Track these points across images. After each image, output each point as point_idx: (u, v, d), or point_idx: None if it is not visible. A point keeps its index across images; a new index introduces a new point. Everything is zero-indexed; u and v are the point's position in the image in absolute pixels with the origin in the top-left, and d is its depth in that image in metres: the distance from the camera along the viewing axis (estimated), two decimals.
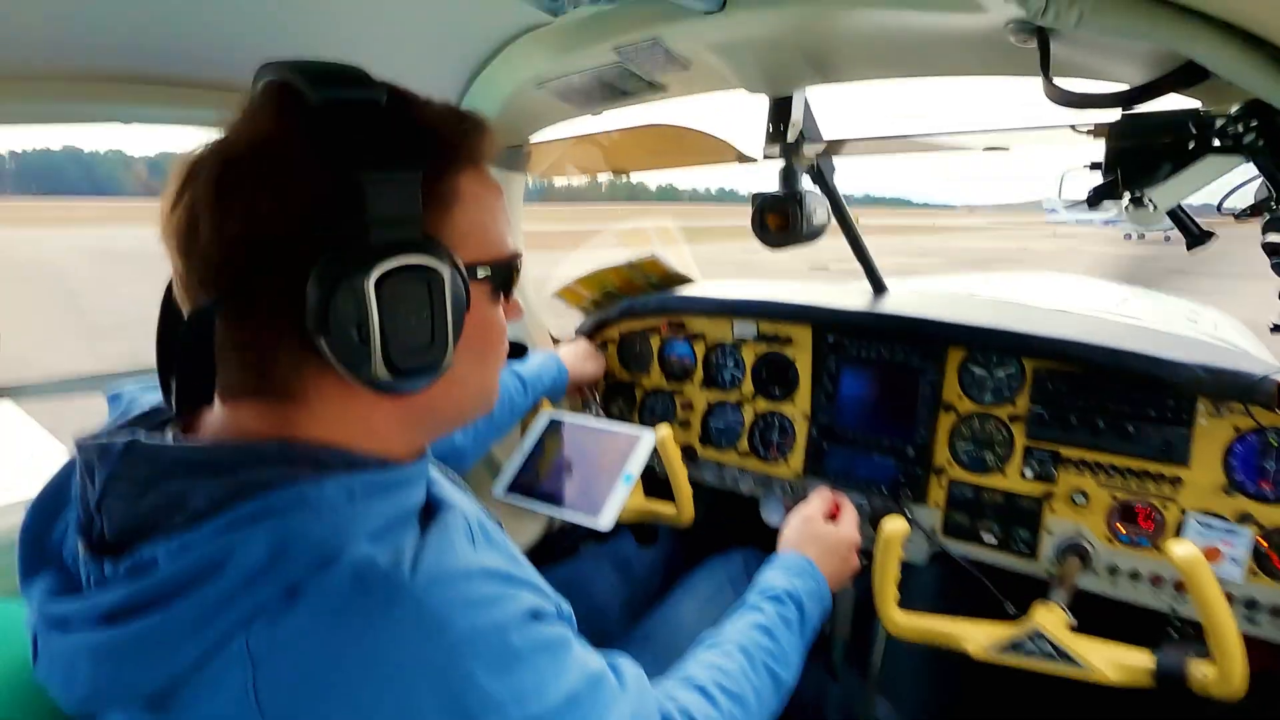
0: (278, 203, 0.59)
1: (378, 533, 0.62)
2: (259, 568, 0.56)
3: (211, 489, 0.59)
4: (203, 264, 0.60)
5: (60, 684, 0.61)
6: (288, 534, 0.58)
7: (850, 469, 1.68)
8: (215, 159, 0.61)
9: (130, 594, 0.58)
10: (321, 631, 0.56)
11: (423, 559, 0.61)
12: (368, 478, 0.64)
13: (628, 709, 0.73)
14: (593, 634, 0.79)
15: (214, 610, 0.56)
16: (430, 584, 0.59)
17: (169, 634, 0.56)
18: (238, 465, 0.61)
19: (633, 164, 1.66)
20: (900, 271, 2.97)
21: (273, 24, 1.09)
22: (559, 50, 1.28)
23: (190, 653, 0.56)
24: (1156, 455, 1.36)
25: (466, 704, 0.58)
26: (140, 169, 67.92)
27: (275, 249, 0.59)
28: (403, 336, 0.61)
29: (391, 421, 0.69)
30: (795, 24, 1.09)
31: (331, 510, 0.60)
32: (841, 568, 1.26)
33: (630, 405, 2.04)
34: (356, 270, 0.58)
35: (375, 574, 0.58)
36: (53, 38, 0.96)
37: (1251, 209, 1.05)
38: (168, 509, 0.60)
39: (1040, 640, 1.14)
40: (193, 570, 0.57)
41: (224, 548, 0.57)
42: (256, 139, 0.61)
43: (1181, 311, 2.43)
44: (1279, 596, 1.27)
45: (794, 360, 1.78)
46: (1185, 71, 0.90)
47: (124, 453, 0.61)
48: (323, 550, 0.58)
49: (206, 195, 0.59)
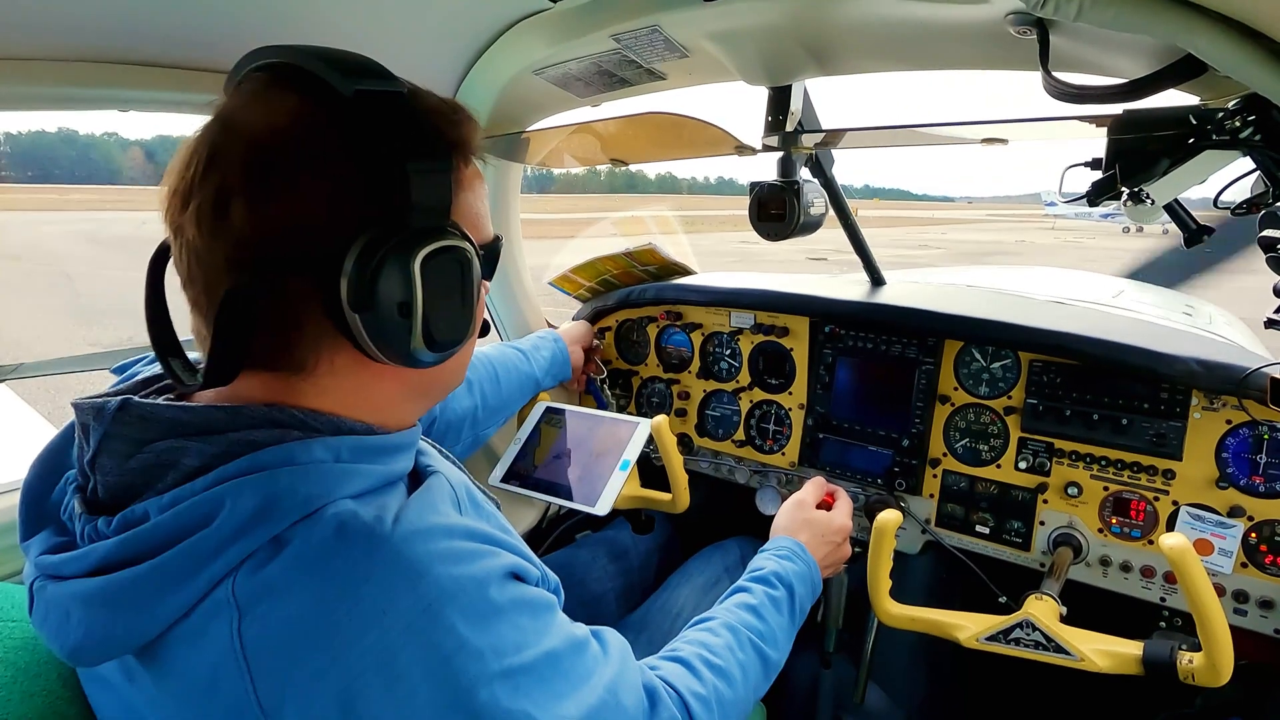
0: (318, 187, 0.62)
1: (363, 492, 0.64)
2: (247, 520, 0.58)
3: (203, 449, 0.62)
4: (234, 245, 0.61)
5: (54, 632, 0.62)
6: (276, 489, 0.59)
7: (845, 459, 1.68)
8: (240, 143, 0.62)
9: (121, 545, 0.59)
10: (304, 579, 0.58)
11: (405, 515, 0.63)
12: (355, 441, 0.67)
13: (609, 674, 0.74)
14: (589, 621, 0.80)
15: (202, 560, 0.57)
16: (411, 535, 0.61)
17: (157, 582, 0.58)
18: (229, 427, 0.63)
19: (631, 153, 1.65)
20: (898, 263, 2.97)
21: (269, 8, 1.08)
22: (557, 37, 1.27)
23: (178, 601, 0.58)
24: (1150, 448, 1.37)
25: (445, 651, 0.59)
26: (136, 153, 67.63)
27: (315, 231, 0.62)
28: (440, 313, 0.65)
29: (392, 394, 0.73)
30: (794, 13, 1.08)
31: (318, 469, 0.62)
32: (833, 553, 1.28)
33: (627, 394, 2.05)
34: (404, 251, 0.62)
35: (357, 525, 0.60)
36: (47, 21, 0.96)
37: (1248, 203, 1.05)
38: (159, 468, 0.62)
39: (1031, 630, 1.15)
40: (182, 522, 0.59)
41: (213, 501, 0.59)
42: (287, 125, 0.62)
43: (1177, 304, 2.43)
44: (1268, 589, 1.28)
45: (791, 351, 1.78)
46: (1183, 65, 0.90)
47: (118, 411, 0.63)
48: (308, 505, 0.60)
49: (240, 178, 0.61)
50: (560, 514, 1.96)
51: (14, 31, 0.95)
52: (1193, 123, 0.94)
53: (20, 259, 18.12)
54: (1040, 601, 1.19)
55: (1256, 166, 0.98)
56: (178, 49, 1.12)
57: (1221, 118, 0.92)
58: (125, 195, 58.81)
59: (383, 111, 0.63)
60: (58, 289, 12.87)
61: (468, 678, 0.60)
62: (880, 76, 1.34)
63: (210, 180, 0.61)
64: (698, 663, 0.91)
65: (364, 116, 0.63)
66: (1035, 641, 1.15)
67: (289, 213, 0.61)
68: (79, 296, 12.06)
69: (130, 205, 40.89)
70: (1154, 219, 1.23)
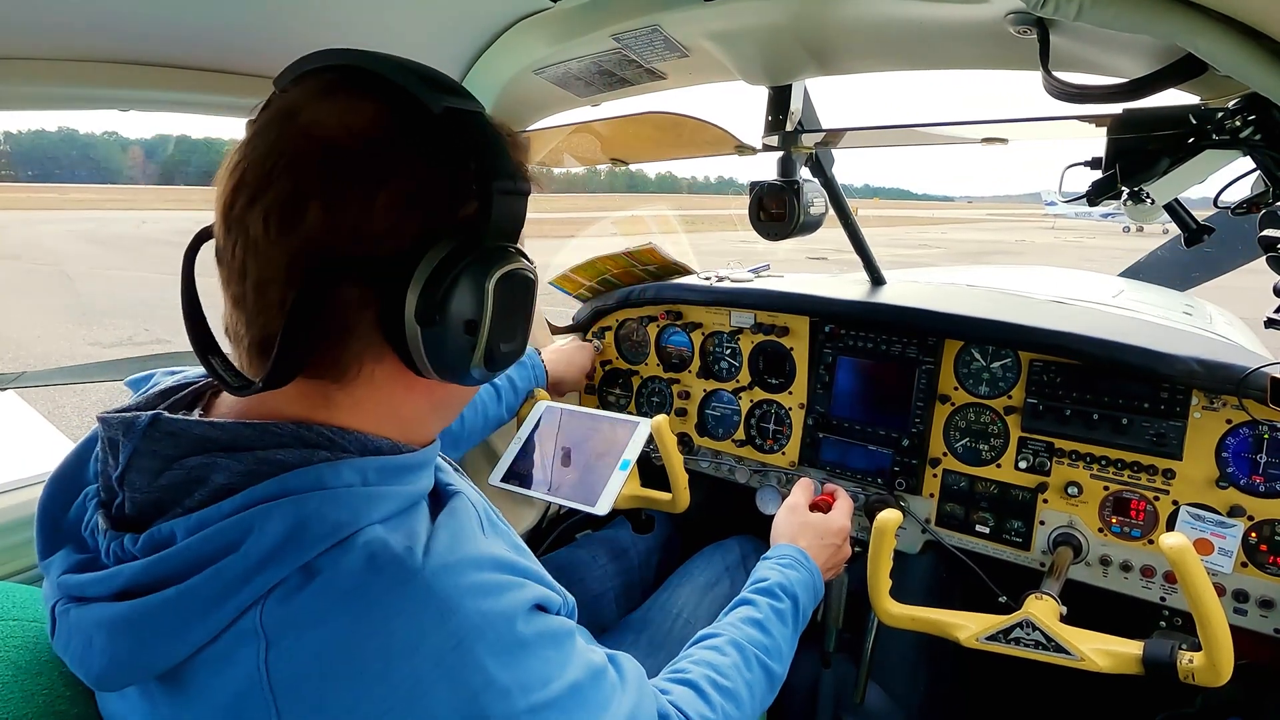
0: (396, 197, 0.61)
1: (391, 516, 0.64)
2: (275, 547, 0.57)
3: (231, 465, 0.61)
4: (302, 245, 0.60)
5: (78, 657, 0.62)
6: (305, 515, 0.59)
7: (845, 459, 1.68)
8: (315, 146, 0.61)
9: (147, 568, 0.59)
10: (334, 610, 0.58)
11: (435, 544, 0.63)
12: (381, 462, 0.66)
13: (628, 705, 0.74)
14: (589, 621, 0.80)
15: (230, 588, 0.57)
16: (441, 569, 0.61)
17: (184, 609, 0.57)
18: (256, 445, 0.62)
19: (631, 153, 1.65)
20: (898, 263, 2.97)
21: (270, 7, 1.08)
22: (558, 36, 1.27)
23: (205, 629, 0.57)
24: (1150, 448, 1.37)
25: (473, 688, 0.59)
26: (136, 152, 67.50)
27: (387, 240, 0.61)
28: (503, 333, 0.66)
29: (420, 410, 0.72)
30: (794, 13, 1.08)
31: (348, 493, 0.62)
32: (834, 555, 1.28)
33: (627, 394, 2.05)
34: (480, 270, 0.63)
35: (388, 556, 0.59)
36: (53, 21, 0.96)
37: (1248, 203, 1.05)
38: (187, 485, 0.61)
39: (1031, 629, 1.15)
40: (210, 547, 0.58)
41: (242, 526, 0.58)
42: (368, 131, 0.62)
43: (1177, 304, 2.43)
44: (1268, 589, 1.28)
45: (791, 350, 1.78)
46: (1184, 65, 0.90)
47: (148, 427, 0.62)
48: (338, 532, 0.59)
49: (316, 181, 0.60)
50: (560, 514, 1.96)
51: (20, 32, 0.95)
52: (1193, 122, 0.94)
53: (20, 258, 18.12)
54: (1040, 601, 1.18)
55: (1256, 166, 0.98)
56: (178, 48, 1.12)
57: (1221, 117, 0.92)
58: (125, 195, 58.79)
59: (468, 130, 0.63)
60: (57, 288, 12.88)
61: (494, 716, 0.60)
62: (880, 76, 1.33)
63: (285, 179, 0.60)
64: (706, 685, 0.92)
65: (450, 133, 0.63)
66: (1035, 641, 1.15)
67: (364, 220, 0.61)
68: (79, 296, 12.06)
69: (130, 205, 40.88)
70: (1154, 219, 1.23)
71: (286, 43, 1.14)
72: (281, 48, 1.13)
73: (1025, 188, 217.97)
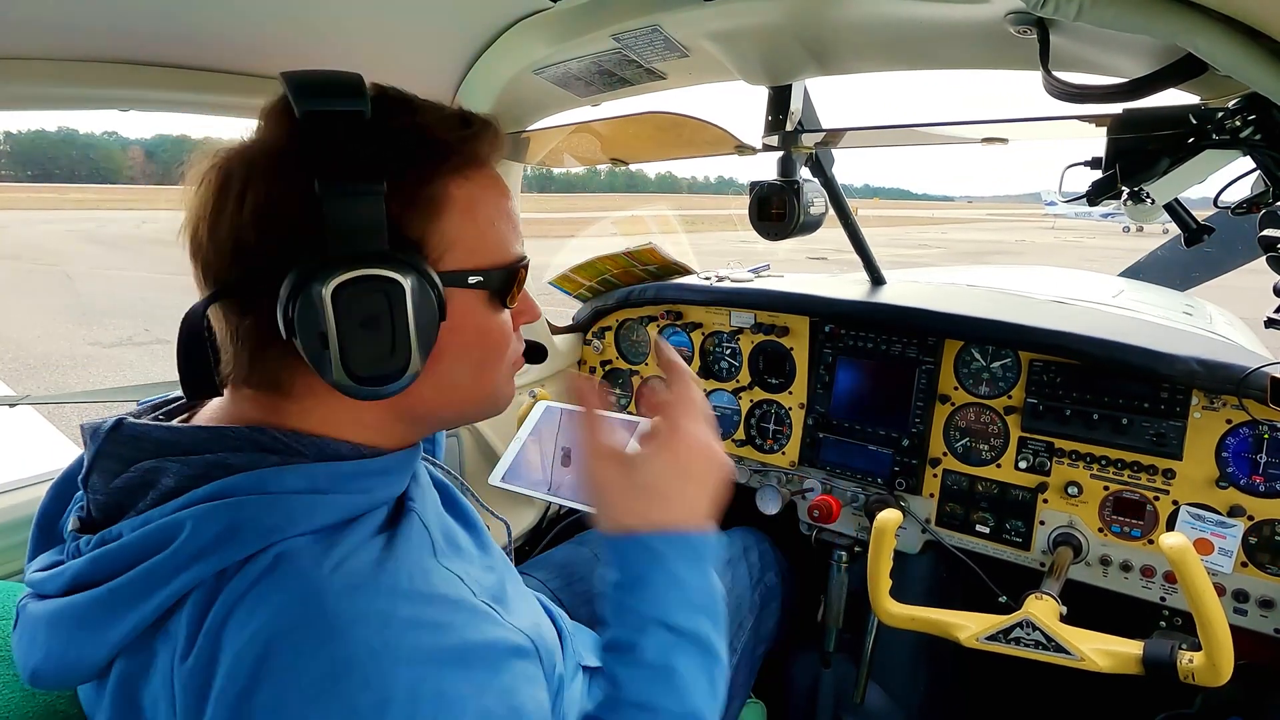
0: (257, 210, 0.61)
1: (328, 526, 0.61)
2: (202, 548, 0.57)
3: (180, 470, 0.61)
4: (201, 266, 0.64)
5: (22, 653, 0.62)
6: (237, 519, 0.58)
7: (846, 459, 1.68)
8: (215, 164, 0.64)
9: (90, 563, 0.59)
10: (233, 619, 0.55)
11: (352, 563, 0.59)
12: (334, 468, 0.64)
13: None
14: (591, 620, 0.79)
15: (153, 585, 0.56)
16: (346, 589, 0.56)
17: (112, 605, 0.57)
18: (208, 448, 0.62)
19: (631, 153, 1.65)
20: (898, 263, 2.97)
21: (270, 9, 1.08)
22: (557, 37, 1.27)
23: (128, 626, 0.57)
24: (1150, 448, 1.37)
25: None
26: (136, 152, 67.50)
27: (256, 254, 0.62)
28: (361, 345, 0.60)
29: (383, 417, 0.70)
30: (794, 13, 1.08)
31: (285, 500, 0.60)
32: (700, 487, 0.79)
33: (628, 394, 2.05)
34: (314, 280, 0.58)
35: (291, 564, 0.57)
36: (53, 20, 0.96)
37: (1248, 203, 1.05)
38: (142, 487, 0.62)
39: (1031, 629, 1.15)
40: (144, 545, 0.58)
41: (175, 525, 0.58)
42: (252, 146, 0.64)
43: (1177, 304, 2.43)
44: (1268, 588, 1.28)
45: (791, 350, 1.78)
46: (1183, 65, 0.90)
47: (111, 431, 0.63)
48: (267, 538, 0.58)
49: (203, 197, 0.63)
50: (560, 513, 1.96)
51: (20, 32, 0.95)
52: (1193, 122, 0.94)
53: (20, 258, 18.12)
54: (1040, 601, 1.19)
55: (1256, 166, 0.98)
56: (178, 48, 1.12)
57: (1221, 117, 0.92)
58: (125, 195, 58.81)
59: (323, 131, 0.60)
60: (57, 288, 12.88)
61: None
62: (880, 76, 1.33)
63: (191, 203, 0.64)
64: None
65: (306, 138, 0.60)
66: (1035, 641, 1.15)
67: (234, 234, 0.62)
68: (79, 296, 12.06)
69: (130, 205, 40.90)
70: (1154, 218, 1.23)
71: (287, 43, 1.14)
72: (282, 48, 1.13)
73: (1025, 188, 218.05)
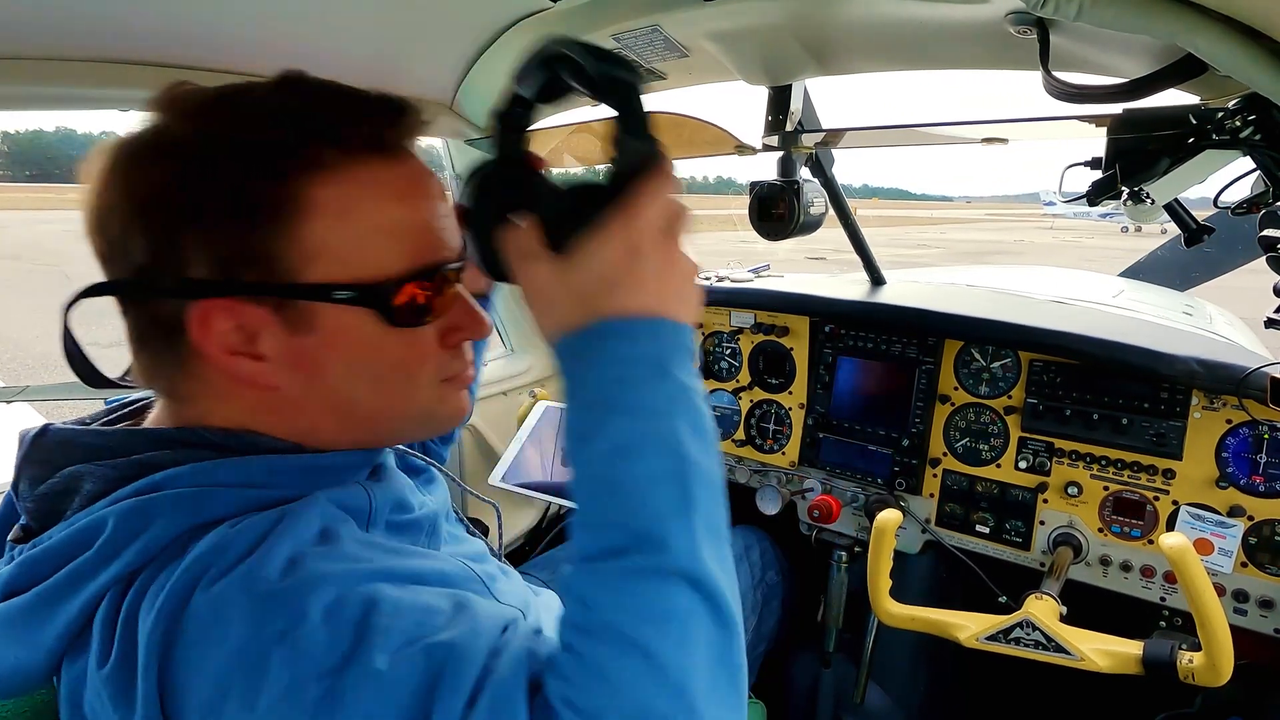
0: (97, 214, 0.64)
1: (255, 520, 0.57)
2: (125, 540, 0.55)
3: (104, 473, 0.59)
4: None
5: None
6: (161, 509, 0.56)
7: (846, 459, 1.68)
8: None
9: (19, 568, 0.57)
10: (139, 600, 0.54)
11: (278, 548, 0.55)
12: (268, 462, 0.62)
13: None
14: None
15: (79, 583, 0.54)
16: (267, 553, 0.54)
17: (38, 609, 0.55)
18: (134, 450, 0.60)
19: None
20: (897, 263, 2.96)
21: (270, 8, 1.08)
22: None
23: (56, 629, 0.55)
24: (1150, 448, 1.37)
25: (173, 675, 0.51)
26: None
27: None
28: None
29: (316, 410, 0.65)
30: (794, 13, 1.08)
31: (213, 492, 0.58)
32: (664, 273, 0.62)
33: None
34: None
35: (209, 543, 0.54)
36: (49, 20, 0.95)
37: (1248, 203, 1.05)
38: (66, 493, 0.59)
39: (1031, 629, 1.15)
40: (70, 544, 0.56)
41: (101, 521, 0.56)
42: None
43: (1177, 304, 2.43)
44: (1268, 589, 1.28)
45: (791, 350, 1.78)
46: (1183, 65, 0.90)
47: (36, 437, 0.62)
48: (190, 522, 0.56)
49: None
50: (560, 513, 1.96)
51: (21, 32, 0.95)
52: (1193, 122, 0.94)
53: (20, 259, 18.12)
54: (1040, 601, 1.19)
55: (1256, 166, 0.98)
56: (178, 48, 1.12)
57: (1221, 117, 0.92)
58: None
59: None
60: (57, 288, 12.88)
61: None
62: (880, 76, 1.33)
63: None
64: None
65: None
66: (1035, 641, 1.15)
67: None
68: None
69: None
70: (1154, 219, 1.23)
71: (287, 43, 1.14)
72: (282, 48, 1.13)
73: (1024, 188, 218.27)
